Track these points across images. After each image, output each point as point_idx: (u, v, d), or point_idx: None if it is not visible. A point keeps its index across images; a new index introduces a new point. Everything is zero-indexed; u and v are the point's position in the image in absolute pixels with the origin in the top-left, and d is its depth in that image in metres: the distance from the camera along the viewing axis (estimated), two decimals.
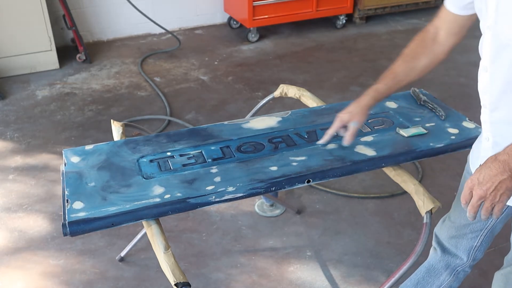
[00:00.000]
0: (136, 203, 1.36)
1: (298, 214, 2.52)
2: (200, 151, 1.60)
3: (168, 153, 1.59)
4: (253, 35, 4.47)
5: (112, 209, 1.34)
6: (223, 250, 2.31)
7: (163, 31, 4.49)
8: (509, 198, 1.06)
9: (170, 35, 4.48)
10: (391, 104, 1.86)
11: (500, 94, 1.20)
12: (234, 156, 1.57)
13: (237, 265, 2.23)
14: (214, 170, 1.50)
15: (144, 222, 1.36)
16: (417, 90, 1.90)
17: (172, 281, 1.22)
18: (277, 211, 2.53)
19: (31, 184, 2.70)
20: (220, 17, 4.85)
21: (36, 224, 2.43)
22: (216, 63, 4.12)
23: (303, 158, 1.55)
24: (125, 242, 2.28)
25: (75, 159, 1.56)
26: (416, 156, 1.59)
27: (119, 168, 1.52)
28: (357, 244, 2.34)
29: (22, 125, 3.24)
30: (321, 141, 1.61)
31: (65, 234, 1.29)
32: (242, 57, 4.23)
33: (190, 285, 1.22)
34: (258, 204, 2.57)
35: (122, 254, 2.24)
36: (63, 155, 1.58)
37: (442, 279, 1.64)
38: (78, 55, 4.02)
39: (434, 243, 1.66)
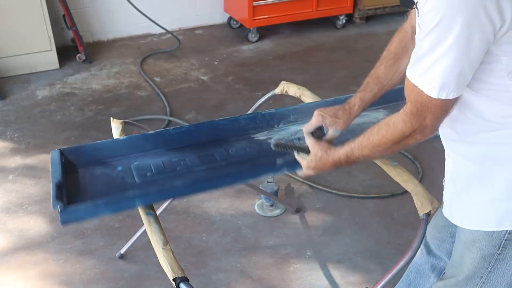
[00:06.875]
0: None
1: (298, 213, 2.52)
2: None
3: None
4: (253, 35, 4.46)
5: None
6: (223, 250, 2.31)
7: (163, 31, 4.49)
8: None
9: (170, 35, 4.47)
10: None
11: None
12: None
13: (237, 265, 2.23)
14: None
15: (143, 218, 1.37)
16: None
17: (170, 276, 1.22)
18: (277, 211, 2.53)
19: (31, 184, 2.70)
20: (220, 17, 4.84)
21: (36, 224, 2.43)
22: (216, 63, 4.12)
23: None
24: (125, 242, 2.28)
25: None
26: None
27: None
28: (357, 244, 2.34)
29: (22, 125, 3.24)
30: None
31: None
32: (242, 57, 4.23)
33: (188, 280, 1.22)
34: (258, 204, 2.57)
35: (122, 251, 2.24)
36: None
37: (431, 281, 1.63)
38: (78, 55, 4.02)
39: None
